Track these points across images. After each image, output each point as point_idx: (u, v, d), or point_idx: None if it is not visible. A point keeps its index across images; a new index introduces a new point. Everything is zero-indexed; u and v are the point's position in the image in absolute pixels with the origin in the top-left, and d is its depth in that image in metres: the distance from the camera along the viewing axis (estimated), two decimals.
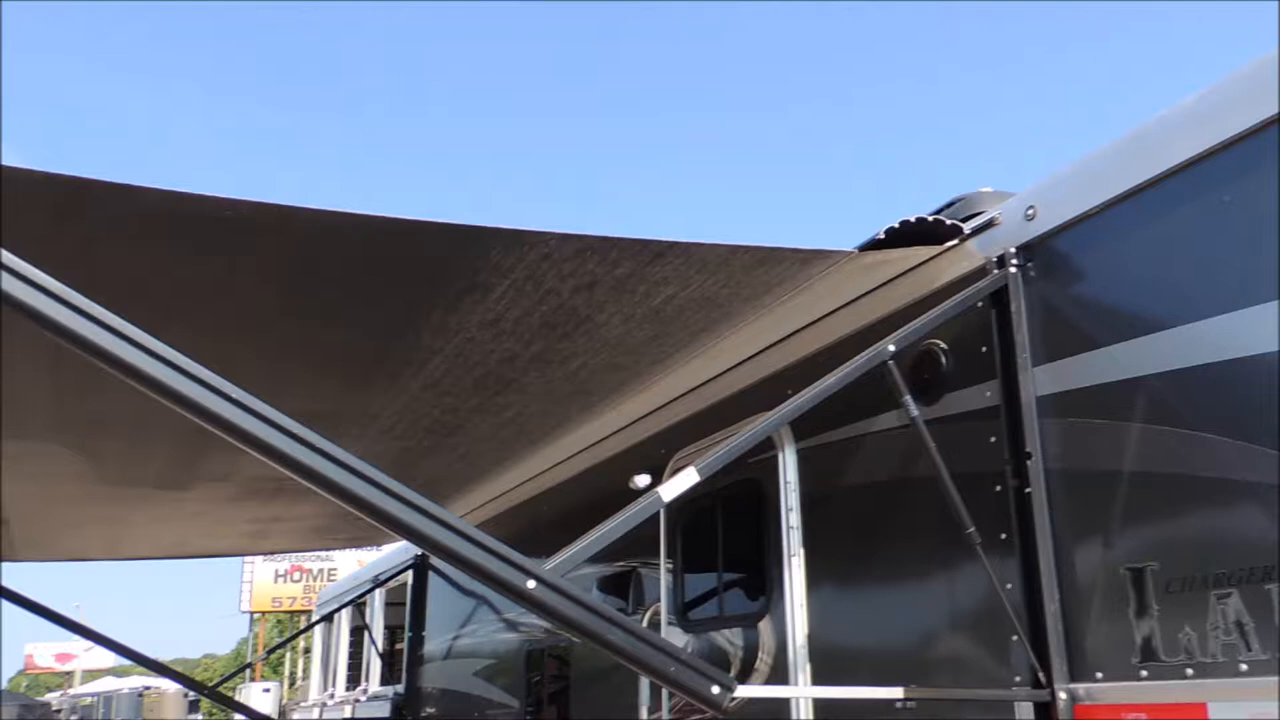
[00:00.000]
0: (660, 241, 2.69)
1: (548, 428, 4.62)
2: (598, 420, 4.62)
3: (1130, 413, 2.58)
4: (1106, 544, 2.58)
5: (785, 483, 3.78)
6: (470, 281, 2.81)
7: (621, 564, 5.06)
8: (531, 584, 2.15)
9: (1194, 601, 2.37)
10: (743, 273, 2.99)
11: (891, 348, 2.73)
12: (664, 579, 4.53)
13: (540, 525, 6.02)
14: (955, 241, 3.14)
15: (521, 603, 2.18)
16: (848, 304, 3.45)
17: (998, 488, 2.81)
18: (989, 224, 3.09)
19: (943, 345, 3.17)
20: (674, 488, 2.38)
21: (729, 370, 4.11)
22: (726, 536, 4.29)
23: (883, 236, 2.94)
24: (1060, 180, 2.93)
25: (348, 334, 3.25)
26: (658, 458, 4.52)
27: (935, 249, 3.14)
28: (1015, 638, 2.70)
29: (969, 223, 3.16)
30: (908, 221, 2.96)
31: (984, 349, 3.03)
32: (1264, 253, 2.34)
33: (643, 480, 4.22)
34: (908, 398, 2.72)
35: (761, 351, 3.91)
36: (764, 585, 3.88)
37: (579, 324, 3.23)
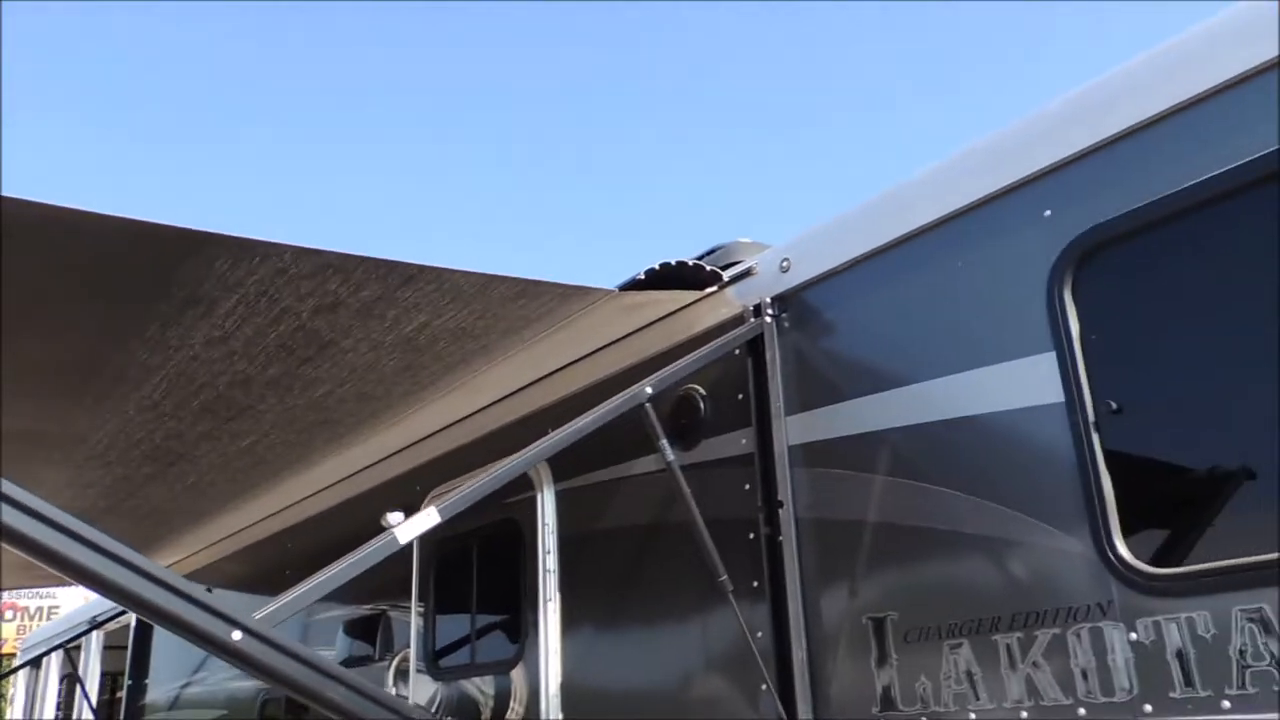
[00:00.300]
0: (410, 264, 2.51)
1: (291, 459, 4.28)
2: (348, 453, 4.33)
3: (872, 465, 2.63)
4: (851, 593, 2.61)
5: (543, 524, 3.65)
6: (192, 293, 2.52)
7: (370, 608, 4.76)
8: (237, 635, 1.90)
9: (929, 651, 2.42)
10: (500, 304, 2.85)
11: (649, 390, 2.66)
12: (414, 624, 4.28)
13: (287, 564, 5.59)
14: (714, 289, 3.14)
15: (224, 657, 1.93)
16: (609, 345, 3.38)
17: (750, 535, 2.80)
18: (746, 273, 3.11)
19: (701, 391, 3.15)
20: (412, 528, 2.19)
21: (489, 406, 3.95)
22: (482, 579, 4.10)
23: (643, 277, 2.88)
24: (815, 234, 2.99)
25: (47, 345, 2.85)
26: (413, 495, 4.27)
27: (694, 294, 3.12)
28: (764, 686, 2.67)
29: (728, 271, 3.17)
30: (668, 264, 2.93)
31: (740, 396, 3.02)
32: (991, 317, 2.45)
33: (395, 518, 3.96)
34: (664, 441, 2.66)
35: (522, 389, 3.78)
36: (519, 630, 3.73)
37: (322, 348, 2.98)
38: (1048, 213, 2.38)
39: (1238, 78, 2.08)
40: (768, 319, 2.98)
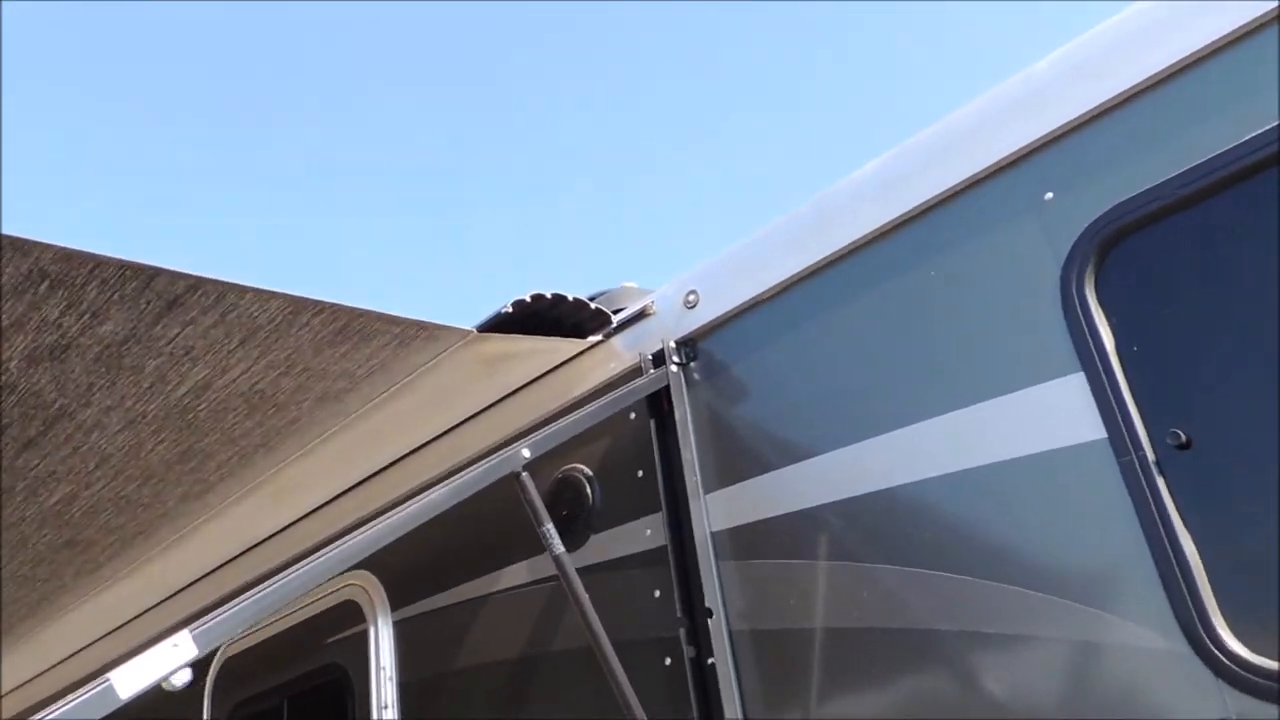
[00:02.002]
0: (177, 274, 1.70)
1: (24, 610, 3.21)
2: (110, 589, 3.29)
3: (836, 549, 1.94)
4: None
5: (378, 668, 2.76)
6: None
7: None
8: None
9: None
10: (314, 351, 2.06)
11: (525, 453, 1.90)
12: None
13: None
14: (599, 336, 2.45)
15: None
16: (467, 419, 2.60)
17: (668, 659, 2.02)
18: (641, 314, 2.44)
19: (586, 471, 2.41)
20: (141, 673, 1.34)
21: (305, 517, 3.06)
22: None
23: (510, 310, 2.15)
24: (729, 258, 2.34)
25: None
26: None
27: (577, 343, 2.41)
28: None
29: (618, 314, 2.49)
30: (541, 296, 2.21)
31: (640, 473, 2.30)
32: (985, 337, 1.84)
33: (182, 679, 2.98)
34: (548, 527, 1.89)
35: (348, 490, 2.92)
36: None
37: (49, 423, 2.09)
38: (1048, 195, 1.82)
39: None
40: (673, 368, 2.30)
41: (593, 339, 2.45)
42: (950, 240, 1.93)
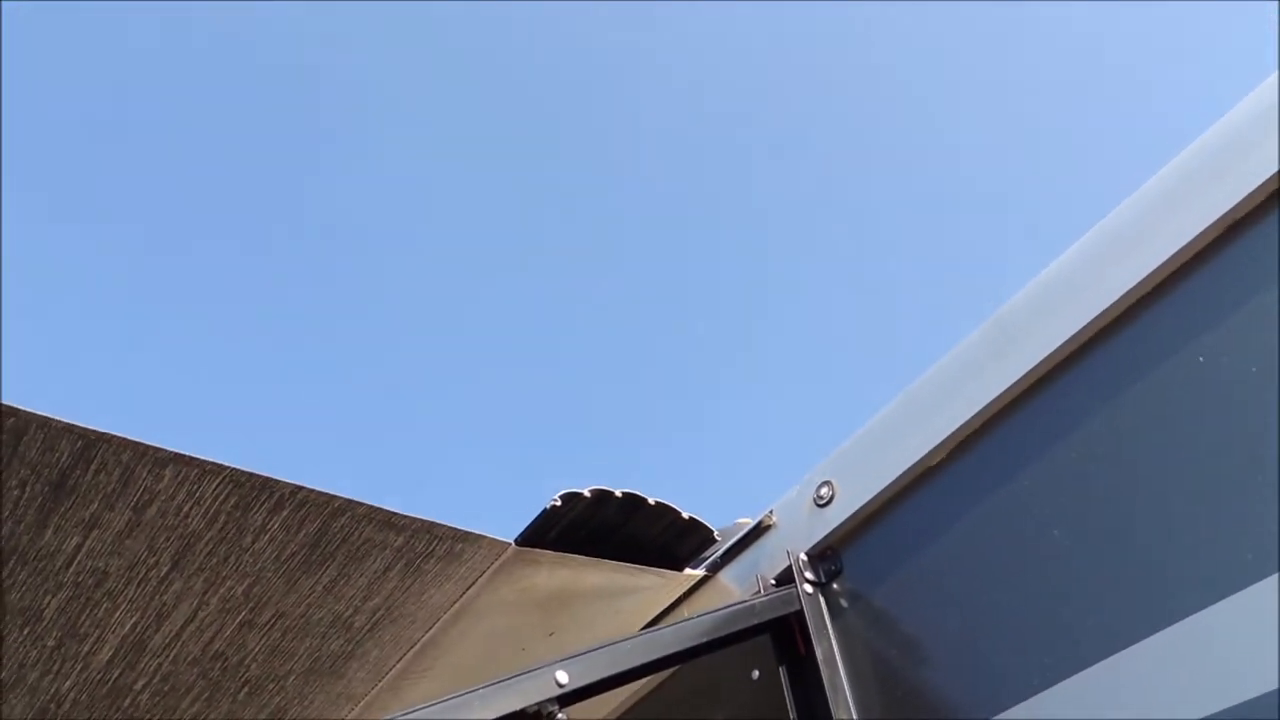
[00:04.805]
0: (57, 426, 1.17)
1: None
2: None
3: None
4: None
5: None
6: None
7: None
8: None
9: None
10: (285, 583, 1.45)
11: (562, 676, 1.18)
12: None
13: None
14: (700, 566, 1.76)
15: None
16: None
17: None
18: (758, 530, 1.75)
19: None
20: None
21: None
22: None
23: (558, 504, 1.51)
24: (875, 427, 1.68)
25: None
26: None
27: (668, 576, 1.73)
28: None
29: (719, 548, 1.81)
30: (606, 495, 1.57)
31: None
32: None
33: None
34: None
35: None
36: None
37: None
38: None
39: None
40: (806, 588, 1.58)
41: (691, 572, 1.77)
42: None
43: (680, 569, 1.75)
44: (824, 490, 1.67)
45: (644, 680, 1.78)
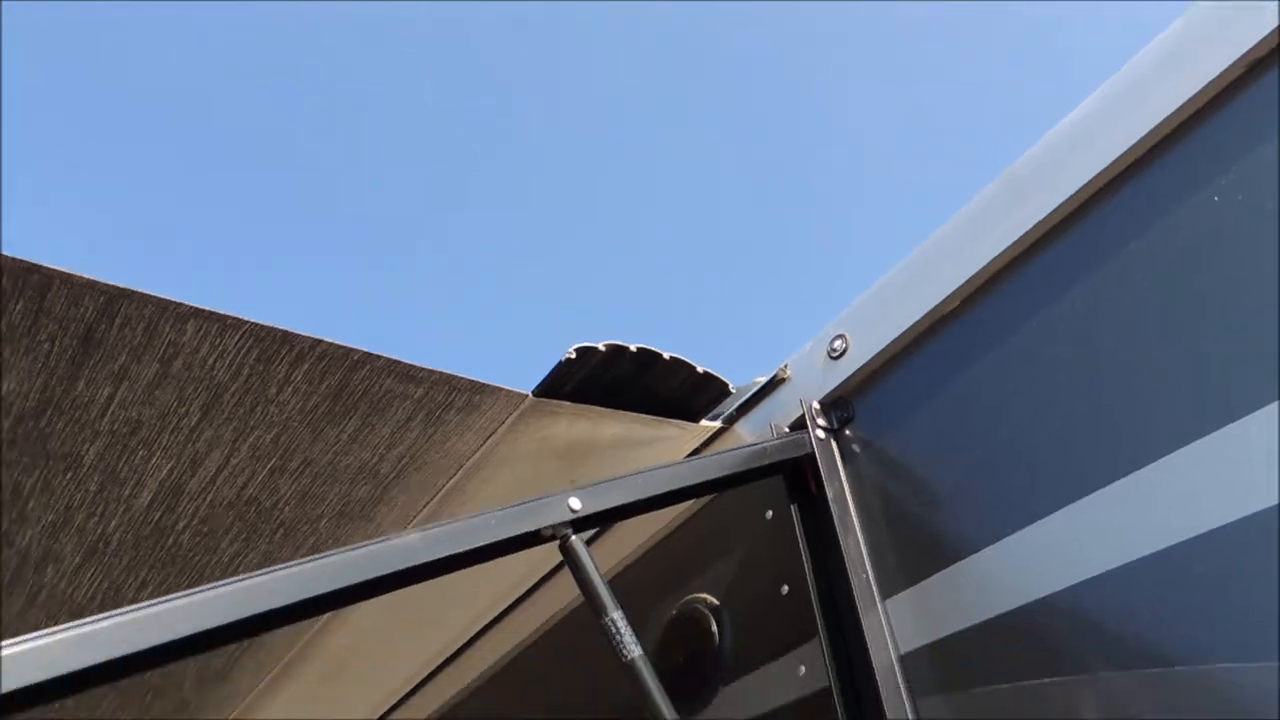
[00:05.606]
0: (76, 282, 1.21)
1: None
2: None
3: (1065, 660, 1.14)
4: None
5: None
6: None
7: None
8: None
9: None
10: (311, 433, 1.50)
11: (575, 503, 1.23)
12: None
13: None
14: (717, 423, 1.80)
15: None
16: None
17: None
18: (772, 383, 1.78)
19: (711, 601, 1.70)
20: None
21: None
22: None
23: (573, 357, 1.54)
24: (887, 282, 1.69)
25: None
26: None
27: (685, 427, 1.77)
28: None
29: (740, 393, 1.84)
30: (621, 349, 1.59)
31: (785, 589, 1.57)
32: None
33: None
34: (614, 616, 1.17)
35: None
36: None
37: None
38: None
39: None
40: (818, 434, 1.61)
41: (707, 423, 1.81)
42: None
43: (696, 421, 1.79)
44: (837, 343, 1.68)
45: (661, 524, 1.85)
